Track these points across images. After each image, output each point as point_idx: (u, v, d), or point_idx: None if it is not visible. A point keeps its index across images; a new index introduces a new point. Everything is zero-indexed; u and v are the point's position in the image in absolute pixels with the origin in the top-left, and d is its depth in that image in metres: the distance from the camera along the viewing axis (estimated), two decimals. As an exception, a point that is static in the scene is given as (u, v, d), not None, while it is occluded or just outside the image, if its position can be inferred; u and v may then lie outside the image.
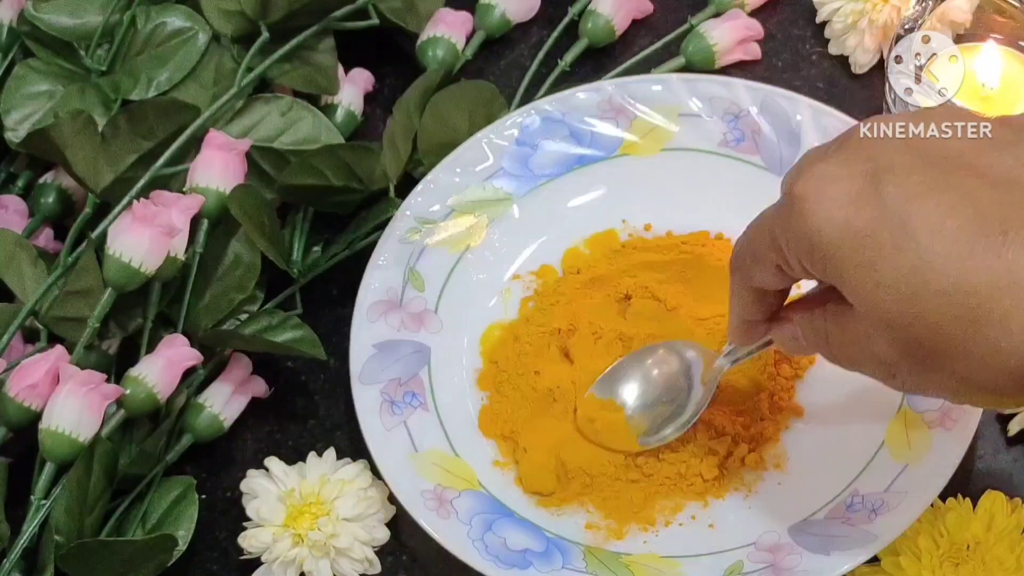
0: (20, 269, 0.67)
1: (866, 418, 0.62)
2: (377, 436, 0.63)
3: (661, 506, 0.62)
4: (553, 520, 0.62)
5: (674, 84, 0.70)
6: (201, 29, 0.72)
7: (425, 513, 0.61)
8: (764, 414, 0.63)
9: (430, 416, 0.65)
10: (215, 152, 0.67)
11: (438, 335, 0.67)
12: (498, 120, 0.70)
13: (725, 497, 0.62)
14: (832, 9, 0.73)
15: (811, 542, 0.59)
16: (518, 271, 0.69)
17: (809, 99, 0.68)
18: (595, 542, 0.61)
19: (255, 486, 0.63)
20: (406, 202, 0.69)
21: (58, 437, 0.61)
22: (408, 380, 0.65)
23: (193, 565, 0.65)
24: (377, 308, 0.67)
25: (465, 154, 0.70)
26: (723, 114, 0.69)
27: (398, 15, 0.74)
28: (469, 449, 0.64)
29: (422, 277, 0.68)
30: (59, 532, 0.60)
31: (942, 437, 0.59)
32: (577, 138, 0.70)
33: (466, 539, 0.60)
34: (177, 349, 0.64)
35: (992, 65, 0.66)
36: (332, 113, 0.73)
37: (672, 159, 0.70)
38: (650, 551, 0.61)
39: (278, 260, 0.67)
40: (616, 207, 0.70)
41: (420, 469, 0.63)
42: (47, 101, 0.72)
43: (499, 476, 0.64)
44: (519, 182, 0.70)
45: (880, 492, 0.59)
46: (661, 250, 0.68)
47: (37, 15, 0.72)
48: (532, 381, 0.65)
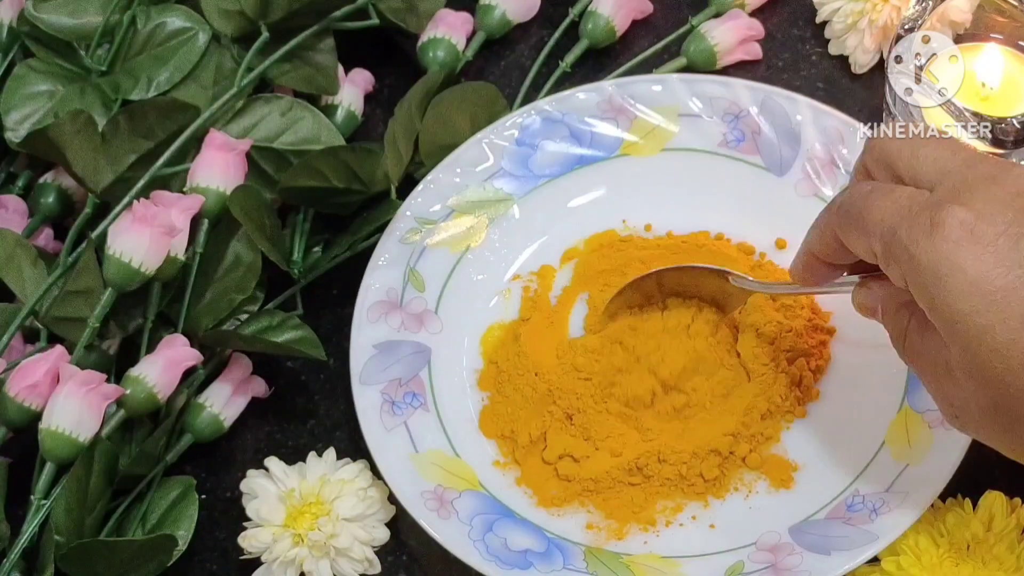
0: (20, 269, 0.67)
1: (867, 418, 0.62)
2: (377, 436, 0.63)
3: (662, 506, 0.62)
4: (554, 520, 0.62)
5: (674, 84, 0.70)
6: (201, 29, 0.72)
7: (426, 514, 0.61)
8: (770, 408, 0.63)
9: (430, 416, 0.65)
10: (215, 152, 0.67)
11: (438, 335, 0.67)
12: (498, 120, 0.70)
13: (725, 497, 0.62)
14: (832, 9, 0.73)
15: (811, 542, 0.59)
16: (518, 271, 0.69)
17: (809, 99, 0.68)
18: (596, 542, 0.61)
19: (255, 486, 0.63)
20: (406, 202, 0.69)
21: (58, 437, 0.61)
22: (408, 380, 0.65)
23: (193, 565, 0.65)
24: (377, 308, 0.67)
25: (465, 154, 0.70)
26: (723, 114, 0.69)
27: (398, 15, 0.74)
28: (469, 449, 0.64)
29: (422, 277, 0.68)
30: (59, 532, 0.60)
31: (943, 437, 0.59)
32: (577, 138, 0.70)
33: (467, 540, 0.60)
34: (177, 349, 0.64)
35: (992, 65, 0.66)
36: (332, 113, 0.73)
37: (672, 159, 0.70)
38: (651, 551, 0.61)
39: (279, 261, 0.67)
40: (616, 207, 0.70)
41: (421, 469, 0.63)
42: (47, 101, 0.72)
43: (499, 476, 0.64)
44: (519, 182, 0.70)
45: (881, 492, 0.59)
46: (660, 251, 0.68)
47: (37, 15, 0.72)
48: (532, 381, 0.65)
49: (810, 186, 0.68)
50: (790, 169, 0.68)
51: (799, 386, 0.63)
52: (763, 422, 0.63)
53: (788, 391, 0.63)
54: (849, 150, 0.67)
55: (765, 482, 0.62)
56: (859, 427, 0.62)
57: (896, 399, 0.61)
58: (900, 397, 0.61)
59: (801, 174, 0.68)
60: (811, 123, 0.68)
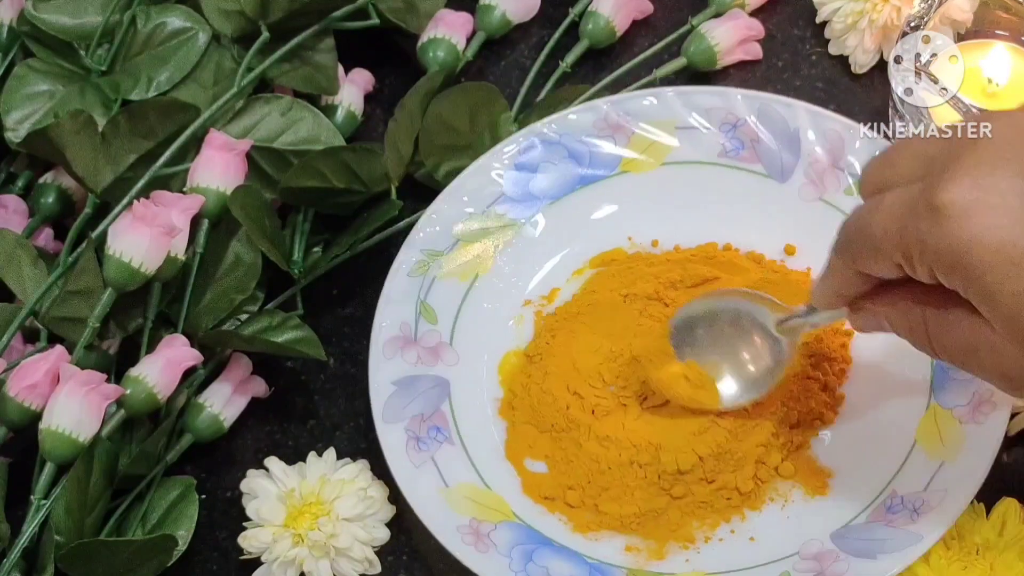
0: (20, 269, 0.67)
1: (895, 419, 0.61)
2: (406, 474, 0.62)
3: (699, 523, 0.61)
4: (592, 545, 0.61)
5: (669, 98, 0.69)
6: (201, 29, 0.72)
7: (463, 548, 0.60)
8: (799, 416, 0.62)
9: (456, 449, 0.64)
10: (215, 152, 0.67)
11: (456, 367, 0.66)
12: (496, 146, 0.70)
13: (762, 509, 0.61)
14: (832, 9, 0.73)
15: (856, 547, 0.58)
16: (529, 296, 0.68)
17: (806, 103, 0.68)
18: (637, 564, 0.60)
19: (255, 486, 0.63)
20: (411, 236, 0.68)
21: (58, 437, 0.61)
22: (431, 415, 0.64)
23: (193, 565, 0.65)
24: (392, 345, 0.65)
25: (466, 182, 0.69)
26: (720, 124, 0.69)
27: (398, 15, 0.74)
28: (499, 479, 0.63)
29: (433, 310, 0.67)
30: (59, 532, 0.60)
31: (974, 431, 0.59)
32: (576, 158, 0.70)
33: (508, 572, 0.59)
34: (177, 349, 0.64)
35: (999, 62, 0.66)
36: (332, 113, 0.73)
37: (673, 173, 0.69)
38: (694, 569, 0.60)
39: (279, 261, 0.67)
40: (621, 224, 0.69)
41: (453, 504, 0.61)
42: (47, 101, 0.72)
43: (532, 505, 0.63)
44: (522, 207, 0.69)
45: (919, 492, 0.58)
46: (670, 265, 0.67)
47: (37, 15, 0.72)
48: (553, 406, 0.64)
49: (814, 190, 0.67)
50: (792, 175, 0.68)
51: (824, 391, 0.63)
52: (793, 431, 0.62)
53: (814, 397, 0.63)
54: (850, 152, 0.67)
55: (800, 490, 0.61)
56: (888, 428, 0.61)
57: (923, 397, 0.61)
58: (927, 395, 0.61)
59: (804, 179, 0.67)
60: (810, 127, 0.67)
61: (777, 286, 0.65)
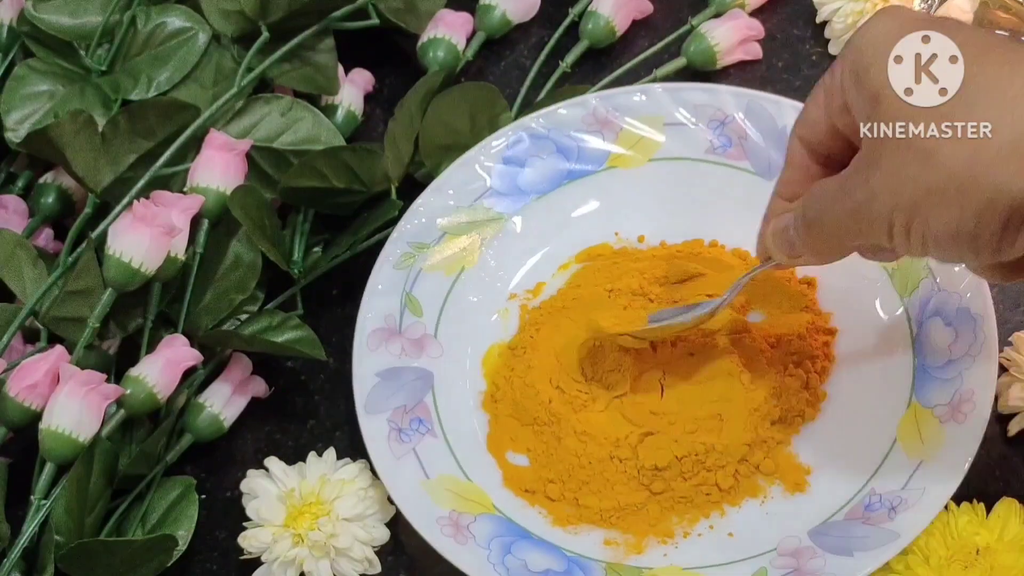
0: (20, 269, 0.67)
1: (876, 417, 0.61)
2: (388, 465, 0.62)
3: (679, 518, 0.61)
4: (571, 539, 0.62)
5: (657, 94, 0.70)
6: (201, 29, 0.72)
7: (442, 540, 0.60)
8: (780, 413, 0.62)
9: (438, 442, 0.64)
10: (215, 152, 0.67)
11: (440, 360, 0.66)
12: (484, 140, 0.70)
13: (741, 505, 0.61)
14: (832, 9, 0.73)
15: (833, 544, 0.58)
16: (514, 290, 0.69)
17: (793, 101, 0.68)
18: (615, 558, 0.60)
19: (255, 486, 0.63)
20: (398, 228, 0.68)
21: (58, 437, 0.61)
22: (414, 407, 0.65)
23: (193, 565, 0.65)
24: (377, 336, 0.66)
25: (454, 176, 0.69)
26: (708, 121, 0.69)
27: (398, 15, 0.74)
28: (480, 472, 0.63)
29: (419, 302, 0.67)
30: (59, 532, 0.60)
31: (954, 431, 0.59)
32: (564, 153, 0.70)
33: (486, 563, 0.60)
34: (177, 349, 0.64)
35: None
36: (332, 113, 0.73)
37: (661, 169, 0.69)
38: (671, 563, 0.60)
39: (279, 260, 0.67)
40: (608, 220, 0.70)
41: (434, 496, 0.62)
42: (47, 101, 0.72)
43: (512, 498, 0.63)
44: (510, 200, 0.70)
45: (897, 490, 0.59)
46: (655, 261, 0.68)
47: (37, 15, 0.72)
48: (535, 400, 0.65)
49: None
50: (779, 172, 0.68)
51: (806, 389, 0.63)
52: (773, 427, 0.62)
53: (796, 395, 0.63)
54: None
55: (779, 487, 0.62)
56: (869, 426, 0.61)
57: (904, 396, 0.61)
58: (907, 394, 0.61)
59: None
60: None
61: (761, 283, 0.66)
